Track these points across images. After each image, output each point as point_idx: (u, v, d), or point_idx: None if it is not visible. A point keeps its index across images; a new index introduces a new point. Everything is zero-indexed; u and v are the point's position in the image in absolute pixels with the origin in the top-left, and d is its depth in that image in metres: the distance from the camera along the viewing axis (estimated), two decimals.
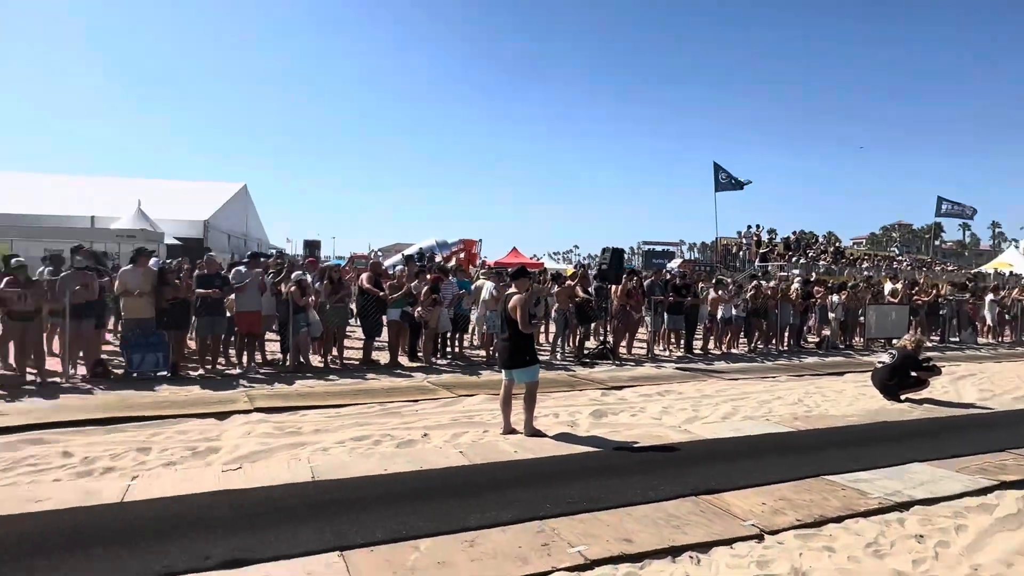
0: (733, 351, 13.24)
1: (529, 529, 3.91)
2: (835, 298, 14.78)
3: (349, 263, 19.54)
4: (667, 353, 12.53)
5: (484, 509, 4.19)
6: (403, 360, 10.28)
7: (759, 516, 4.20)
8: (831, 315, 14.68)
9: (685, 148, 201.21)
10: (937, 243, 49.99)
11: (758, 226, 32.05)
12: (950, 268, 35.57)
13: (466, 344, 11.79)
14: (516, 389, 6.31)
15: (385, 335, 10.48)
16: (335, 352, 10.03)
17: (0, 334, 8.27)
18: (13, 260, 8.31)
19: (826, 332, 14.69)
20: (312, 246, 28.71)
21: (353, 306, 11.30)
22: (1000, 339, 17.42)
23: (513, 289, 6.45)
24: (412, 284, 10.29)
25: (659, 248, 30.12)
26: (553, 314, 11.71)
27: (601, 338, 12.19)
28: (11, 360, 8.37)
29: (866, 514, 4.33)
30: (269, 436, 5.95)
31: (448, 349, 11.15)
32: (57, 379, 8.04)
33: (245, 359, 9.47)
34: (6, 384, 7.69)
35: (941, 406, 8.27)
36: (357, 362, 10.06)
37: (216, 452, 5.44)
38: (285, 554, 3.48)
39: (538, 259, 35.25)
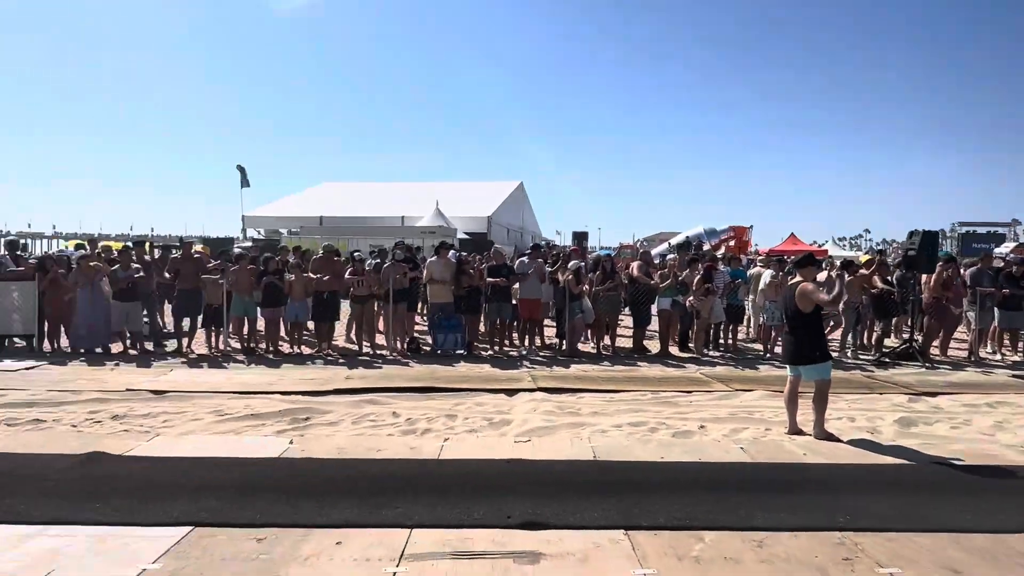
0: None
1: (826, 539, 3.58)
2: None
3: (618, 253, 19.92)
4: (998, 357, 10.30)
5: (771, 510, 3.95)
6: (673, 350, 10.17)
7: None
8: None
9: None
10: None
11: None
12: None
13: (740, 336, 11.19)
14: (802, 387, 5.81)
15: (654, 324, 10.47)
16: (607, 340, 10.33)
17: (349, 315, 10.27)
18: (355, 253, 10.28)
19: None
20: (580, 237, 29.99)
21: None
22: None
23: (799, 278, 5.93)
24: (684, 273, 10.09)
25: (982, 230, 24.83)
26: (841, 307, 10.43)
27: (905, 336, 10.52)
28: (352, 335, 10.34)
29: None
30: (551, 414, 6.40)
31: (720, 340, 10.70)
32: (384, 352, 9.71)
33: (527, 342, 10.31)
34: (348, 355, 9.55)
35: None
36: (628, 350, 10.24)
37: (508, 424, 6.04)
38: (573, 524, 3.72)
39: (820, 246, 31.80)
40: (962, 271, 11.11)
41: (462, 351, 9.72)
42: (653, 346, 10.29)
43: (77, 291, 9.19)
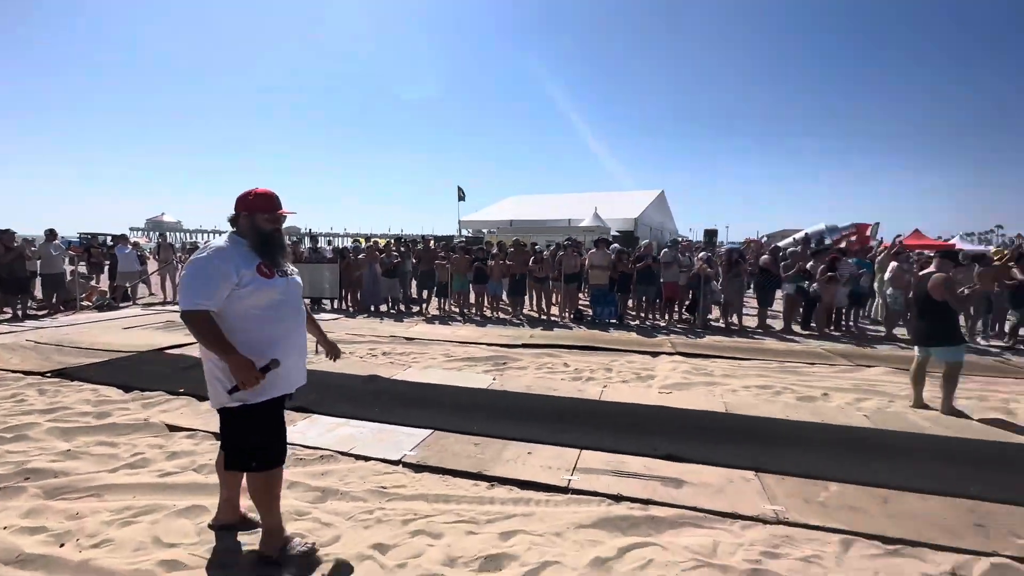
0: None
1: (957, 505, 2.95)
2: None
3: (745, 246, 18.06)
4: None
5: (895, 471, 3.35)
6: (796, 328, 8.99)
7: None
8: None
9: None
10: None
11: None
12: None
13: (861, 319, 9.56)
14: (930, 368, 4.80)
15: (778, 306, 9.34)
16: (734, 318, 9.44)
17: (532, 292, 10.58)
18: (535, 246, 10.50)
19: None
20: (710, 233, 27.54)
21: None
22: None
23: (933, 267, 4.88)
24: (809, 264, 8.85)
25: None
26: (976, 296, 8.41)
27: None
28: (534, 306, 10.61)
29: None
30: (688, 373, 6.02)
31: (843, 323, 9.23)
32: (556, 319, 9.84)
33: (667, 316, 9.80)
34: (532, 320, 9.82)
35: None
36: (753, 328, 9.27)
37: (652, 379, 5.79)
38: (708, 460, 3.48)
39: (945, 240, 25.90)
40: None
41: (614, 320, 9.52)
42: (777, 325, 9.19)
43: (363, 270, 10.56)
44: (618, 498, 2.99)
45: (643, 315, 9.76)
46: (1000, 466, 3.50)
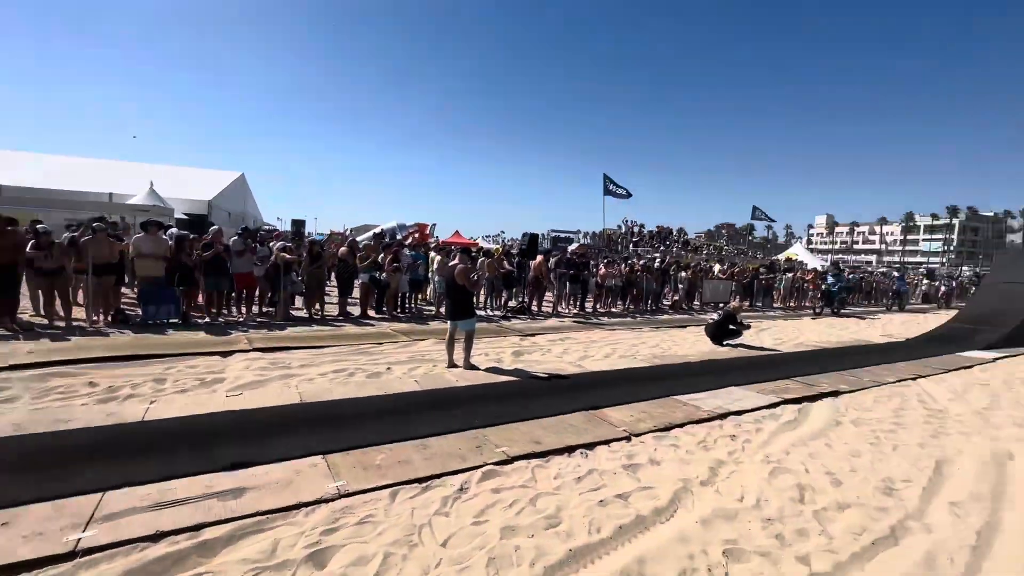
0: (613, 311, 13.71)
1: (467, 437, 3.95)
2: (683, 274, 15.58)
3: (329, 238, 18.65)
4: (567, 311, 12.81)
5: (433, 423, 4.19)
6: (371, 313, 10.01)
7: (629, 424, 4.43)
8: (680, 286, 15.47)
9: (581, 162, 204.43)
10: (751, 238, 53.38)
11: (632, 221, 33.09)
12: (759, 256, 38.16)
13: (419, 301, 11.61)
14: (458, 335, 6.30)
15: (356, 294, 10.15)
16: (317, 306, 9.61)
17: (30, 288, 7.39)
18: (39, 226, 7.40)
19: (676, 297, 15.48)
20: (298, 224, 27.06)
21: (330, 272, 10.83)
22: (787, 304, 18.93)
23: (456, 261, 6.38)
24: (380, 256, 9.98)
25: (563, 235, 30.43)
26: (484, 281, 11.70)
27: (520, 299, 12.32)
28: (40, 309, 7.51)
29: (699, 422, 4.64)
30: (265, 369, 5.67)
31: (407, 305, 10.94)
32: (83, 324, 7.30)
33: (244, 310, 8.93)
34: (35, 328, 6.91)
35: (750, 349, 8.94)
36: (335, 315, 9.71)
37: (221, 382, 5.14)
38: (280, 457, 3.37)
39: (475, 239, 34.92)
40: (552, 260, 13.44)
41: (177, 320, 7.92)
42: (355, 310, 9.97)
43: None
44: (157, 537, 2.45)
45: (214, 311, 8.55)
46: (492, 401, 4.94)
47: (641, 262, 15.90)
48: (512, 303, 12.15)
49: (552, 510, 2.99)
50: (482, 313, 11.07)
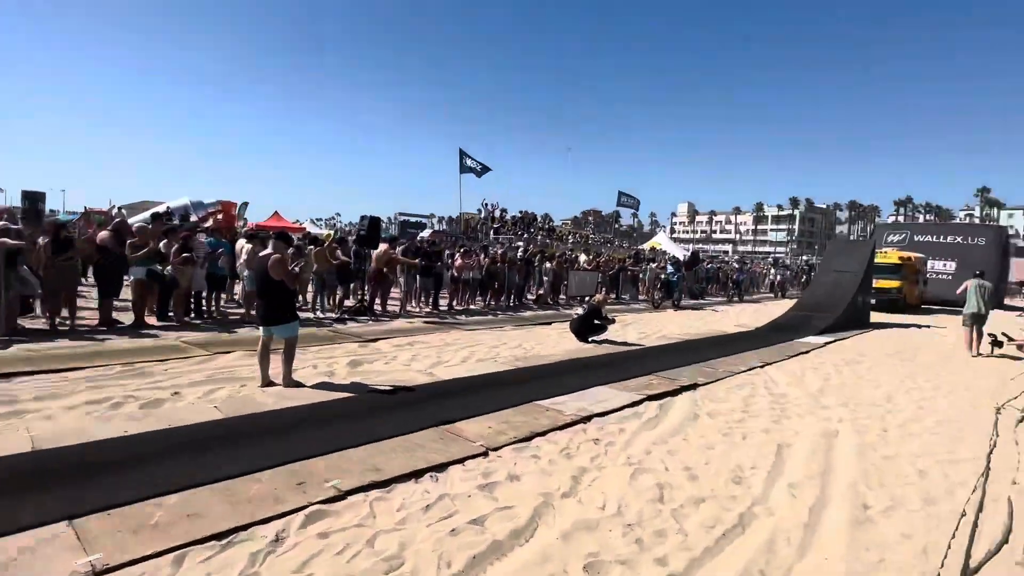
0: (472, 307, 13.98)
1: (285, 472, 3.67)
2: (548, 265, 16.53)
3: (84, 218, 15.75)
4: (418, 310, 12.72)
5: (239, 459, 3.81)
6: (151, 320, 8.76)
7: (486, 437, 4.53)
8: (544, 278, 16.39)
9: (440, 133, 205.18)
10: (616, 226, 58.83)
11: (493, 204, 33.88)
12: (624, 245, 42.25)
13: (223, 302, 10.49)
14: (274, 345, 5.82)
15: (129, 295, 8.79)
16: (65, 313, 8.09)
17: None
18: None
19: (541, 292, 16.37)
20: (33, 198, 22.46)
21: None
22: (651, 295, 21.25)
23: (270, 249, 5.89)
24: (162, 243, 8.75)
25: (413, 219, 30.07)
26: (310, 275, 11.02)
27: (360, 297, 11.87)
28: None
29: (562, 427, 4.95)
30: None
31: (205, 308, 9.79)
32: None
33: None
34: None
35: (615, 345, 9.82)
36: (95, 323, 8.28)
37: None
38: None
39: (300, 223, 32.74)
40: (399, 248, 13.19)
41: None
42: (127, 317, 8.62)
43: None
44: None
45: None
46: (321, 424, 4.67)
47: (501, 251, 16.46)
48: (349, 302, 11.69)
49: (394, 549, 2.92)
50: (309, 316, 10.47)
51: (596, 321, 10.02)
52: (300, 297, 10.88)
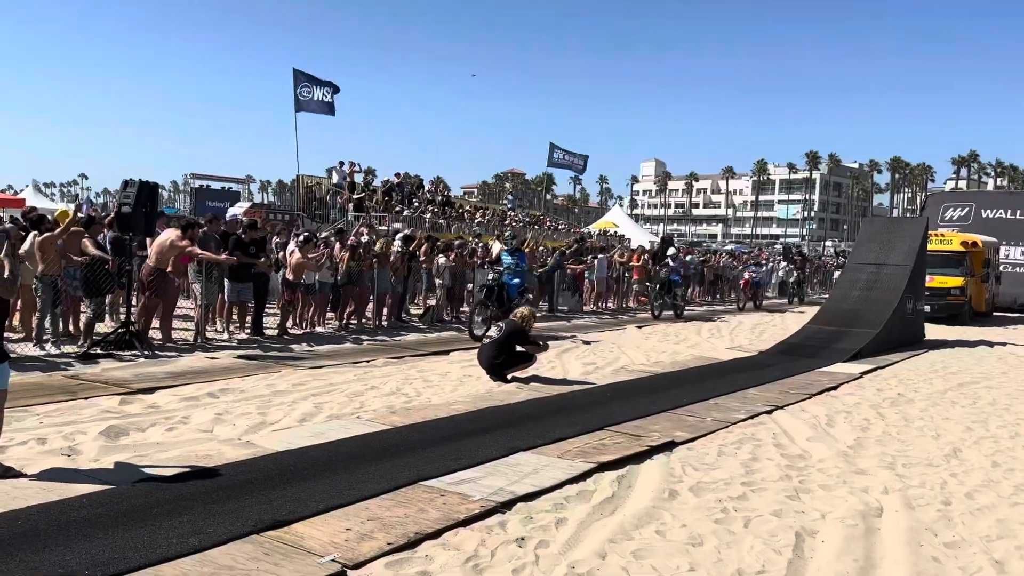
0: (318, 329, 13.75)
1: None
2: (442, 260, 16.50)
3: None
4: (226, 336, 12.33)
5: None
6: None
7: (342, 547, 4.39)
8: (438, 281, 16.38)
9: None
10: (549, 197, 60.13)
11: (352, 163, 33.26)
12: (560, 226, 43.17)
13: None
14: None
15: None
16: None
17: None
18: None
19: (431, 302, 16.33)
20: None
21: None
22: (604, 305, 21.86)
23: None
24: None
25: (217, 186, 29.18)
26: (34, 281, 10.29)
27: (122, 316, 11.25)
28: None
29: (467, 522, 4.91)
30: None
31: None
32: None
33: None
34: None
35: (548, 384, 9.96)
36: None
37: None
38: None
39: (16, 194, 30.78)
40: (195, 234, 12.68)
41: None
42: None
43: None
44: None
45: None
46: (44, 543, 4.34)
47: (367, 238, 16.23)
48: (104, 326, 11.16)
49: None
50: (31, 352, 9.89)
51: (519, 348, 10.11)
52: (11, 320, 10.18)
